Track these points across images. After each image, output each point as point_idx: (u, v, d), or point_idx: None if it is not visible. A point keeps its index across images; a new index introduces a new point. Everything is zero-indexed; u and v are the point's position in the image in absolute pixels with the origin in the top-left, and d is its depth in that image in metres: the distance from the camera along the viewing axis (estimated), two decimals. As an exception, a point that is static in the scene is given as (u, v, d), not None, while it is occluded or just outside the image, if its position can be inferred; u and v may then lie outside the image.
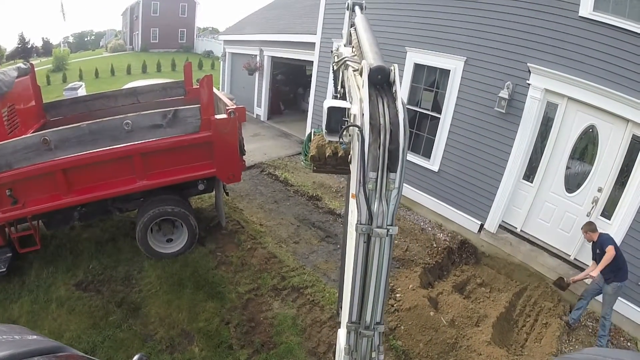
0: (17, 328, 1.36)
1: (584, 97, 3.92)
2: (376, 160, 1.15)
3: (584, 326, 4.07)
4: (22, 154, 3.40)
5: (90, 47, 36.12)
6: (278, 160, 6.98)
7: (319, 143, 1.98)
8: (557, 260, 4.50)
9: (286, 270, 4.01)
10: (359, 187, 1.17)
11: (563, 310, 4.08)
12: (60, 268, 3.99)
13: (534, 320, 4.09)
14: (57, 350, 1.11)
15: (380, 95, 1.20)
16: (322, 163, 1.98)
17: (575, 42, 3.83)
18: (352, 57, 1.73)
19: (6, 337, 1.09)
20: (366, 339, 1.34)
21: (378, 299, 1.29)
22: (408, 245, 4.74)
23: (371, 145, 1.15)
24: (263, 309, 3.54)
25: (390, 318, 3.72)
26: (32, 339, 1.16)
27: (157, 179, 3.79)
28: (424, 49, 5.07)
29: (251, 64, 9.51)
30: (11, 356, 0.95)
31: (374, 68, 1.22)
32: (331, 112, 1.29)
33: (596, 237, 3.58)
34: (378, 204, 1.19)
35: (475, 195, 4.90)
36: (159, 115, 3.65)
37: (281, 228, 4.85)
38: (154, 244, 4.08)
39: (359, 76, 1.36)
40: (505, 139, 4.54)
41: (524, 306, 4.22)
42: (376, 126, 1.15)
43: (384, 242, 1.21)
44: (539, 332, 3.96)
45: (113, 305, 3.55)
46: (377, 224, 1.19)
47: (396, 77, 1.22)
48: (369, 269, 1.25)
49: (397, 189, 1.19)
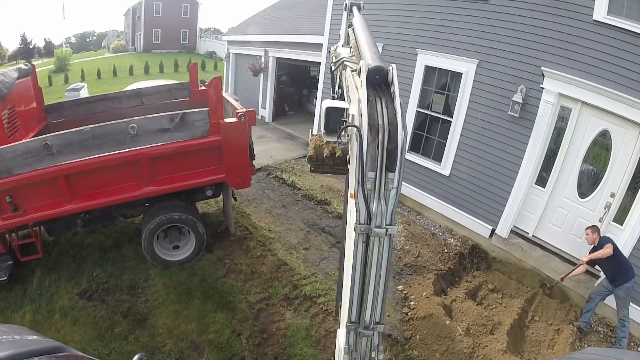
0: (17, 328, 1.29)
1: (598, 101, 3.79)
2: (375, 160, 1.13)
3: (595, 332, 3.97)
4: (22, 159, 3.15)
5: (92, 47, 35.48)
6: (285, 163, 6.75)
7: (316, 143, 1.94)
8: (569, 265, 4.36)
9: (297, 278, 3.79)
10: (358, 187, 1.14)
11: (574, 316, 3.96)
12: (63, 276, 3.75)
13: (546, 326, 3.96)
14: (57, 350, 1.07)
15: (378, 96, 1.17)
16: (320, 163, 1.93)
17: (589, 46, 3.70)
18: (350, 58, 1.68)
19: (6, 337, 1.05)
20: (366, 338, 1.31)
21: (377, 298, 1.26)
22: (419, 251, 4.55)
23: (370, 145, 1.12)
24: (275, 320, 3.33)
25: (405, 327, 3.54)
26: (32, 339, 1.12)
27: (164, 185, 3.55)
28: (436, 51, 4.86)
29: (256, 65, 9.24)
30: (11, 356, 0.92)
31: (372, 68, 1.19)
32: (329, 113, 1.26)
33: (597, 242, 3.55)
34: (377, 203, 1.16)
35: (487, 199, 4.71)
36: (166, 119, 3.41)
37: (290, 234, 4.63)
38: (160, 251, 3.84)
39: (357, 76, 1.31)
40: (518, 144, 4.37)
41: (535, 312, 4.10)
42: (374, 126, 1.12)
43: (383, 241, 1.18)
44: (552, 338, 3.86)
45: (119, 315, 3.32)
46: (376, 223, 1.16)
47: (394, 77, 1.18)
48: (368, 269, 1.22)
49: (395, 188, 1.16)
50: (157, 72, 21.59)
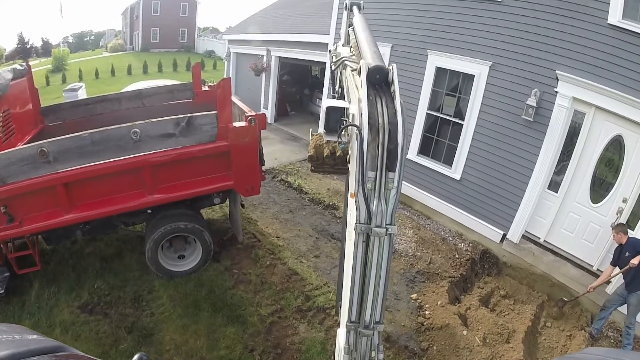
0: (17, 327, 1.25)
1: (612, 106, 3.69)
2: (375, 160, 1.11)
3: (606, 337, 3.88)
4: (17, 167, 2.89)
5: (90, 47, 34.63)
6: (289, 165, 6.51)
7: (317, 143, 1.92)
8: (580, 270, 4.27)
9: (310, 289, 3.59)
10: (358, 187, 1.13)
11: (586, 321, 3.87)
12: (62, 287, 3.51)
13: (558, 332, 3.85)
14: (58, 349, 1.04)
15: (378, 95, 1.16)
16: (320, 163, 1.93)
17: (604, 50, 3.58)
18: (350, 57, 1.66)
19: (6, 337, 1.03)
20: (365, 338, 1.29)
21: (377, 298, 1.24)
22: (431, 257, 4.38)
23: (370, 145, 1.11)
24: (289, 333, 3.13)
25: (422, 337, 3.38)
26: (32, 339, 1.09)
27: (169, 193, 3.31)
28: (447, 52, 4.66)
29: (258, 65, 8.96)
30: (11, 356, 0.90)
31: (372, 68, 1.17)
32: (330, 112, 1.25)
33: (624, 240, 3.40)
34: (377, 203, 1.15)
35: (499, 204, 4.56)
36: (171, 123, 3.17)
37: (299, 240, 4.42)
38: (164, 261, 3.61)
39: (357, 76, 1.29)
40: (532, 148, 4.22)
41: (547, 318, 3.99)
42: (375, 126, 1.11)
43: (383, 241, 1.17)
44: (564, 344, 3.77)
45: (123, 330, 3.09)
46: (376, 223, 1.15)
47: (394, 77, 1.16)
48: (368, 269, 1.20)
49: (396, 188, 1.15)
50: (155, 72, 21.10)
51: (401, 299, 3.73)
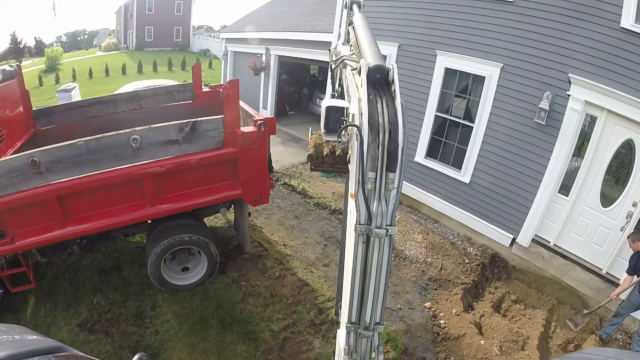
0: (17, 328, 1.20)
1: (623, 110, 3.56)
2: (375, 160, 1.09)
3: (615, 339, 3.77)
4: (6, 179, 2.58)
5: (83, 46, 33.36)
6: (292, 168, 6.25)
7: (316, 142, 1.88)
8: (589, 274, 4.15)
9: (322, 301, 3.37)
10: (358, 187, 1.11)
11: (595, 325, 3.77)
12: (60, 304, 3.22)
13: (568, 336, 3.75)
14: (58, 350, 1.03)
15: (379, 95, 1.13)
16: (320, 162, 1.89)
17: (616, 54, 3.45)
18: (350, 56, 1.61)
19: (6, 337, 1.02)
20: (365, 339, 1.27)
21: (377, 299, 1.22)
22: (442, 263, 4.20)
23: (370, 145, 1.08)
24: (303, 349, 2.91)
25: (439, 348, 3.21)
26: (32, 339, 1.07)
27: (172, 203, 3.04)
28: (457, 53, 4.44)
29: (257, 64, 8.60)
30: (11, 356, 0.88)
31: (372, 67, 1.14)
32: (329, 112, 1.22)
33: None
34: (377, 204, 1.12)
35: (509, 208, 4.40)
36: (174, 129, 2.88)
37: (307, 248, 4.19)
38: (168, 275, 3.33)
39: (357, 75, 1.26)
40: (543, 151, 4.05)
41: (557, 322, 3.87)
42: (375, 126, 1.08)
43: (383, 242, 1.14)
44: (574, 349, 3.64)
45: (126, 350, 2.83)
46: (377, 224, 1.12)
47: (395, 76, 1.13)
48: (369, 270, 1.18)
49: (396, 189, 1.12)
50: (150, 71, 20.40)
51: (415, 308, 3.55)
